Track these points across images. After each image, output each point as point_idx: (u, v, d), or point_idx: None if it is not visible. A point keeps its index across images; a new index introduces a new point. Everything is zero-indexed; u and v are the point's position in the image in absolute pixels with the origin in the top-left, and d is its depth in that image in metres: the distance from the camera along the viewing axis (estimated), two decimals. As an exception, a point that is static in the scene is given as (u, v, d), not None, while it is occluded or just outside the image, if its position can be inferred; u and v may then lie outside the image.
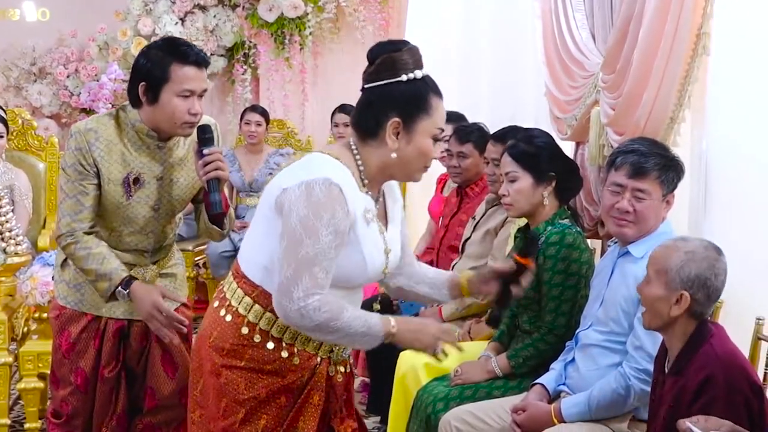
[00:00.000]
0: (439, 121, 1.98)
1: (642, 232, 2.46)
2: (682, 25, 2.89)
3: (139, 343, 2.72)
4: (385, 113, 1.94)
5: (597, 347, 2.53)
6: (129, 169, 2.56)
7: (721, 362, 1.99)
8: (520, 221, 3.10)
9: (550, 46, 4.24)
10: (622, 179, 2.45)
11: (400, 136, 1.95)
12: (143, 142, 2.57)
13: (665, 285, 2.06)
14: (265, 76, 6.08)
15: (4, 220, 3.56)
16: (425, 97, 1.95)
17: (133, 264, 2.67)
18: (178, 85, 2.48)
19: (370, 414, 3.84)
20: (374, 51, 2.01)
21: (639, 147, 2.47)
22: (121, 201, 2.57)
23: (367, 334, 1.90)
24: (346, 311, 1.88)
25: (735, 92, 2.74)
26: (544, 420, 2.48)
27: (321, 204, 1.85)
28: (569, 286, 2.74)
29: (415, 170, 2.01)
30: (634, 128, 3.19)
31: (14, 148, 4.94)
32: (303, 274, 1.84)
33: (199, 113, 2.52)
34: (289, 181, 1.90)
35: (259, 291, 1.98)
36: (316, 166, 1.93)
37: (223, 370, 2.00)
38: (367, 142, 1.98)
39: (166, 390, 2.72)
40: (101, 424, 2.74)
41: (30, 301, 3.47)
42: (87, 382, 2.71)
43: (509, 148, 2.87)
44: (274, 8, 5.84)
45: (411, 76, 1.95)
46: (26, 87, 6.11)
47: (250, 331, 1.99)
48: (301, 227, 1.84)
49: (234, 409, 1.99)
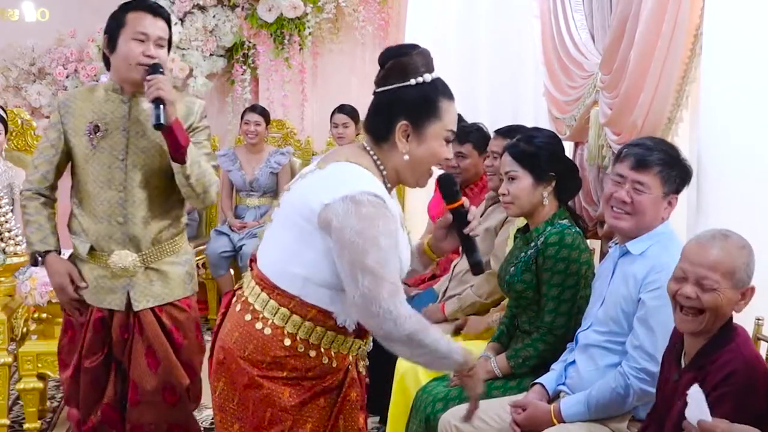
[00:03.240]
0: (449, 123, 1.99)
1: (638, 226, 2.46)
2: (679, 25, 2.89)
3: (120, 334, 2.75)
4: (395, 116, 1.96)
5: (597, 347, 2.53)
6: (92, 118, 2.71)
7: (746, 363, 1.99)
8: (519, 221, 3.11)
9: (549, 46, 4.24)
10: (624, 170, 2.46)
11: (411, 139, 1.97)
12: (109, 97, 2.73)
13: (733, 285, 2.04)
14: (265, 77, 6.09)
15: (3, 221, 3.57)
16: (434, 101, 1.97)
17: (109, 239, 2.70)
18: (131, 29, 2.65)
19: (370, 414, 3.84)
20: (384, 55, 2.02)
21: (646, 142, 2.48)
22: (87, 153, 2.70)
23: (446, 359, 1.95)
24: (431, 329, 1.92)
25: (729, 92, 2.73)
26: (543, 420, 2.49)
27: (372, 215, 1.86)
28: (568, 286, 2.75)
29: (425, 172, 2.04)
30: (631, 128, 3.19)
31: (14, 148, 4.95)
32: (381, 281, 1.85)
33: (154, 56, 2.64)
34: (328, 196, 1.89)
35: (297, 301, 1.98)
36: (353, 178, 1.93)
37: (264, 381, 1.98)
38: (380, 146, 2.01)
39: (148, 385, 2.74)
40: (89, 413, 2.80)
41: (29, 302, 3.48)
42: (75, 370, 2.79)
43: (509, 148, 2.88)
44: (274, 8, 5.85)
45: (420, 80, 1.96)
46: (25, 87, 6.11)
47: (292, 342, 1.98)
48: (360, 239, 1.85)
49: (281, 418, 1.98)
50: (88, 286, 2.74)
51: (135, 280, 2.73)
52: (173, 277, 2.79)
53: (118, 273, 2.71)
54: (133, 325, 2.74)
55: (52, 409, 4.03)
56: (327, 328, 1.99)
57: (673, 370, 2.16)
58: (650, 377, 2.35)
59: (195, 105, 2.80)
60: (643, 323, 2.38)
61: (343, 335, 2.02)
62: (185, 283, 2.84)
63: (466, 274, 3.44)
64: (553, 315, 2.76)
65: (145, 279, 2.74)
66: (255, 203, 5.58)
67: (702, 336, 2.08)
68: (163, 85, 2.55)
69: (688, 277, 2.06)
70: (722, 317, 2.06)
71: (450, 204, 2.09)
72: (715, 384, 1.98)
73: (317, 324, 1.98)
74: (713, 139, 2.83)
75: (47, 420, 3.88)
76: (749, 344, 2.09)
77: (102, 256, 2.73)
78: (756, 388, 1.97)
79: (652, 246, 2.45)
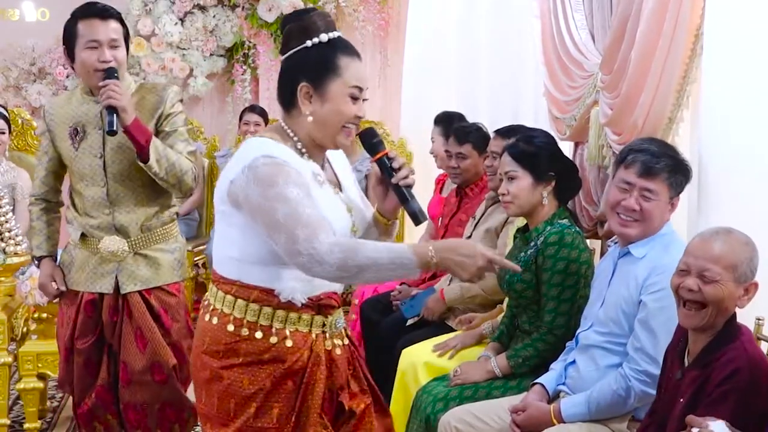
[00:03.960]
0: (351, 79, 1.99)
1: (646, 232, 2.46)
2: (680, 25, 2.88)
3: (109, 316, 2.88)
4: (296, 80, 1.99)
5: (597, 348, 2.52)
6: (73, 122, 2.85)
7: (750, 361, 1.99)
8: (519, 222, 3.11)
9: (549, 46, 4.23)
10: (631, 177, 2.44)
11: (313, 100, 1.99)
12: (84, 100, 2.87)
13: (734, 279, 2.04)
14: (265, 76, 6.08)
15: (3, 220, 3.57)
16: (332, 59, 1.98)
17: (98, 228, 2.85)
18: (83, 38, 2.77)
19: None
20: (284, 21, 2.06)
21: (651, 147, 2.46)
22: (70, 154, 2.86)
23: (398, 265, 1.86)
24: (362, 247, 1.87)
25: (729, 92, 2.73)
26: (543, 420, 2.48)
27: (269, 173, 1.89)
28: (568, 286, 2.74)
29: (334, 132, 2.01)
30: (631, 129, 3.19)
31: (14, 148, 4.95)
32: (294, 229, 1.85)
33: (108, 60, 2.75)
34: (232, 172, 1.94)
35: (237, 285, 2.01)
36: (251, 149, 1.96)
37: (223, 372, 2.00)
38: (291, 114, 2.04)
39: (138, 365, 2.86)
40: (83, 396, 2.92)
41: (29, 301, 3.48)
42: (67, 352, 2.94)
43: (509, 148, 2.88)
44: (274, 8, 5.85)
45: (316, 40, 1.98)
46: (26, 87, 6.11)
47: (236, 327, 2.00)
48: (265, 200, 1.88)
49: (244, 406, 2.00)
50: (65, 289, 2.93)
51: (123, 265, 2.87)
52: (162, 262, 2.92)
53: (108, 257, 2.86)
54: (122, 308, 2.87)
55: (52, 409, 4.03)
56: (274, 307, 2.00)
57: (676, 369, 2.16)
58: (651, 379, 2.34)
59: (166, 92, 2.89)
60: (644, 325, 2.38)
61: (296, 312, 2.01)
62: (174, 269, 2.95)
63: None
64: (553, 315, 2.76)
65: (133, 263, 2.88)
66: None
67: (706, 333, 2.08)
68: (114, 92, 2.67)
69: (690, 270, 2.07)
70: (724, 312, 2.06)
71: (373, 156, 2.07)
72: (719, 381, 1.97)
73: (262, 304, 1.99)
74: (714, 139, 2.83)
75: (47, 420, 3.88)
76: (753, 343, 2.09)
77: (93, 242, 2.87)
78: (759, 387, 1.97)
79: (653, 248, 2.45)
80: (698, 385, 2.03)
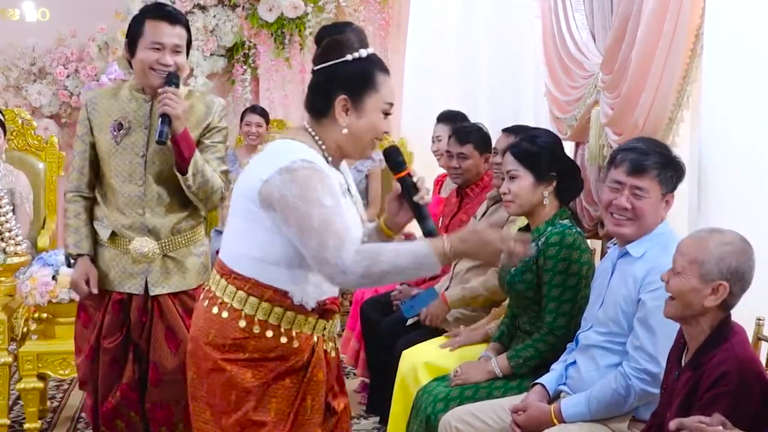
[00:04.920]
0: (387, 96, 2.05)
1: (640, 230, 2.46)
2: (680, 25, 2.89)
3: (138, 317, 2.86)
4: (334, 92, 2.02)
5: (597, 348, 2.52)
6: (116, 116, 2.82)
7: (740, 363, 1.99)
8: (520, 221, 3.10)
9: (550, 46, 4.24)
10: (621, 176, 2.46)
11: (350, 113, 2.03)
12: (133, 96, 2.84)
13: (700, 276, 2.05)
14: (265, 76, 6.08)
15: (3, 221, 3.57)
16: (371, 74, 2.03)
17: (130, 228, 2.82)
18: (148, 38, 2.76)
19: (370, 414, 3.85)
20: (320, 34, 2.09)
21: (639, 145, 2.47)
22: (111, 149, 2.81)
23: (419, 264, 1.92)
24: (383, 252, 1.91)
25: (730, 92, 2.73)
26: (544, 420, 2.48)
27: (309, 178, 1.92)
28: (569, 287, 2.74)
29: (366, 145, 2.08)
30: (632, 128, 3.19)
31: (14, 148, 4.94)
32: (326, 236, 1.89)
33: (169, 65, 2.75)
34: (266, 172, 1.95)
35: (252, 283, 2.02)
36: (286, 151, 1.98)
37: (226, 365, 2.03)
38: (320, 122, 2.06)
39: (170, 365, 2.85)
40: (107, 394, 2.90)
41: (30, 302, 3.48)
42: (93, 351, 2.90)
43: (511, 147, 2.88)
44: (274, 8, 5.84)
45: (356, 55, 2.02)
46: (26, 87, 6.10)
47: (248, 324, 2.02)
48: (302, 203, 1.90)
49: (245, 399, 2.03)
50: (97, 292, 2.84)
51: (153, 266, 2.85)
52: (189, 267, 2.91)
53: (138, 259, 2.84)
54: (152, 309, 2.86)
55: (52, 409, 4.03)
56: (285, 308, 2.03)
57: (674, 369, 2.17)
58: (651, 377, 2.35)
59: (214, 105, 2.91)
60: (643, 324, 2.38)
61: (304, 315, 2.05)
62: (200, 273, 2.95)
63: (468, 273, 3.44)
64: (553, 315, 2.76)
65: (162, 266, 2.86)
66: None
67: (699, 334, 2.09)
68: (172, 101, 2.67)
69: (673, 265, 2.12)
70: (689, 306, 2.07)
71: (397, 174, 2.11)
72: (709, 385, 1.99)
73: (274, 304, 2.02)
74: (714, 139, 2.83)
75: (47, 420, 3.88)
76: (745, 344, 2.08)
77: (123, 242, 2.85)
78: (750, 387, 1.97)
79: (652, 247, 2.45)
80: (690, 387, 2.05)
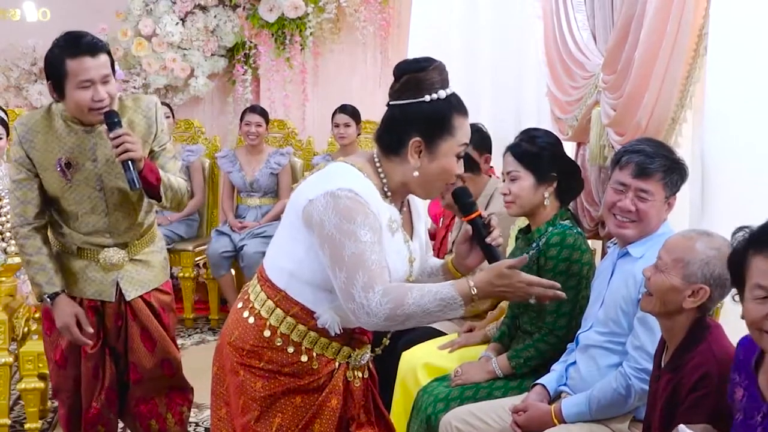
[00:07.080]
0: (462, 138, 2.00)
1: (642, 233, 2.47)
2: (684, 26, 2.88)
3: (114, 322, 2.89)
4: (408, 132, 1.96)
5: (597, 348, 2.53)
6: (60, 154, 2.70)
7: (718, 362, 1.99)
8: (520, 222, 3.10)
9: (551, 46, 4.23)
10: (626, 178, 2.45)
11: (422, 155, 1.97)
12: (71, 129, 2.71)
13: (683, 276, 2.06)
14: (266, 77, 6.08)
15: (4, 220, 3.56)
16: (448, 118, 1.97)
17: (97, 245, 2.81)
18: (75, 78, 2.58)
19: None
20: (400, 68, 2.01)
21: (645, 147, 2.47)
22: (62, 186, 2.72)
23: (444, 307, 1.88)
24: (409, 294, 1.86)
25: (733, 92, 2.73)
26: (544, 420, 2.49)
27: (350, 209, 1.88)
28: (570, 287, 2.74)
29: (437, 188, 2.04)
30: (635, 129, 3.19)
31: (14, 148, 4.92)
32: (356, 272, 1.86)
33: (103, 99, 2.60)
34: (314, 192, 1.93)
35: (282, 295, 2.01)
36: (339, 176, 1.95)
37: (240, 369, 2.03)
38: (389, 158, 2.01)
39: (148, 364, 2.92)
40: (91, 399, 2.90)
41: (30, 301, 3.48)
42: (64, 357, 2.89)
43: (512, 147, 2.88)
44: (275, 8, 5.85)
45: (434, 96, 1.96)
46: (27, 87, 6.11)
47: (272, 335, 2.01)
48: (337, 233, 1.87)
49: (250, 407, 2.02)
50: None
51: (123, 272, 2.87)
52: (155, 264, 2.96)
53: (108, 267, 2.84)
54: (126, 312, 2.88)
55: (53, 409, 4.02)
56: (309, 328, 2.01)
57: (657, 370, 2.19)
58: (651, 377, 2.35)
59: (151, 110, 2.81)
60: (643, 323, 2.37)
61: (327, 338, 2.03)
62: (164, 268, 3.02)
63: (469, 274, 3.43)
64: (554, 315, 2.76)
65: (132, 269, 2.88)
66: (256, 203, 5.57)
67: (677, 335, 2.10)
68: (129, 144, 2.56)
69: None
70: (666, 305, 2.08)
71: (467, 216, 2.08)
72: (690, 388, 1.99)
73: (299, 321, 2.01)
74: (717, 140, 2.82)
75: (48, 420, 3.88)
76: (722, 341, 2.08)
77: (91, 253, 2.84)
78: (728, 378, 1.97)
79: (652, 247, 2.44)
80: (671, 389, 2.05)
